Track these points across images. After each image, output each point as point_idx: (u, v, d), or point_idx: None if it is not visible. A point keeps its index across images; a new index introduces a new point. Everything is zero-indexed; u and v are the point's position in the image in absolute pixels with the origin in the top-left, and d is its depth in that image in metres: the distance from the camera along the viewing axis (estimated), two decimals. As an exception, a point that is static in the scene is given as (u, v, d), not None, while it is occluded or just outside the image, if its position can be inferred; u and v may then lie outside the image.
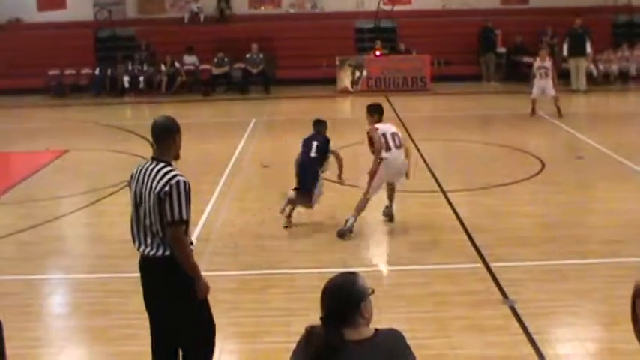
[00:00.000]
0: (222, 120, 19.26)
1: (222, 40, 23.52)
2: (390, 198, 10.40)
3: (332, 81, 22.52)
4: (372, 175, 9.94)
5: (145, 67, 23.39)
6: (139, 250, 5.43)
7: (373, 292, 3.65)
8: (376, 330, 3.54)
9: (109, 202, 11.67)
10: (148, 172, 5.34)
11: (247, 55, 22.94)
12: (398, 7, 24.86)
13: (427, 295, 7.84)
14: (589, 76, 22.33)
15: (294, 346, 3.55)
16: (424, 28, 24.16)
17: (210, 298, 5.53)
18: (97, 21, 25.47)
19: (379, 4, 24.68)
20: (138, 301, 5.66)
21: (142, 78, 23.19)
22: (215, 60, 23.19)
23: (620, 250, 9.05)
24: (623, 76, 23.22)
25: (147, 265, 5.41)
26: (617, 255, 8.88)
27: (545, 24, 23.98)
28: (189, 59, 23.47)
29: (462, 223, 10.08)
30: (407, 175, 10.24)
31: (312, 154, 10.28)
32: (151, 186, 5.25)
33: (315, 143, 10.37)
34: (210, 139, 16.48)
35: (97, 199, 11.84)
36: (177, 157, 5.51)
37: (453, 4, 25.29)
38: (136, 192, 5.40)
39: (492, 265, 8.55)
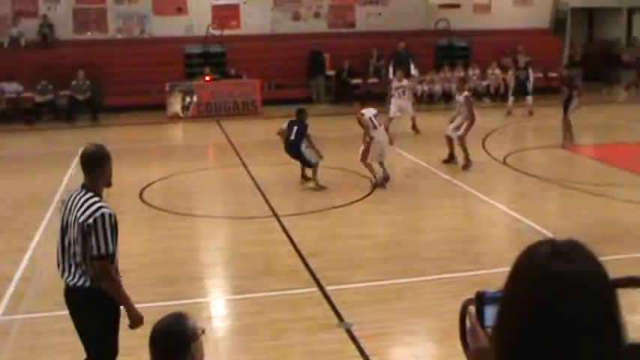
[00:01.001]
0: (48, 150, 18.47)
1: (46, 67, 22.53)
2: (381, 165, 13.37)
3: (162, 107, 22.11)
4: (366, 148, 13.17)
5: (-40, 96, 22.06)
6: (62, 277, 5.49)
7: (204, 332, 3.51)
8: (207, 372, 3.40)
9: None
10: (75, 201, 5.37)
11: (73, 82, 22.13)
12: (227, 32, 24.81)
13: (265, 323, 7.74)
14: (414, 96, 23.13)
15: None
16: (254, 52, 24.22)
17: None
18: None
19: (208, 28, 24.54)
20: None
21: (-42, 107, 21.87)
22: (38, 87, 22.23)
23: (450, 265, 9.31)
24: (447, 96, 24.24)
25: (69, 293, 5.50)
26: (447, 271, 9.12)
27: (371, 47, 24.64)
28: (10, 87, 22.36)
29: (297, 248, 10.07)
30: (391, 142, 13.70)
31: (292, 137, 13.07)
32: (76, 216, 5.29)
33: (294, 128, 13.17)
34: (35, 170, 15.72)
35: None
36: (109, 185, 5.59)
37: (282, 27, 25.53)
38: (62, 219, 5.45)
39: (327, 288, 8.58)
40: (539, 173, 14.25)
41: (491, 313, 1.87)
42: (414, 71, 22.49)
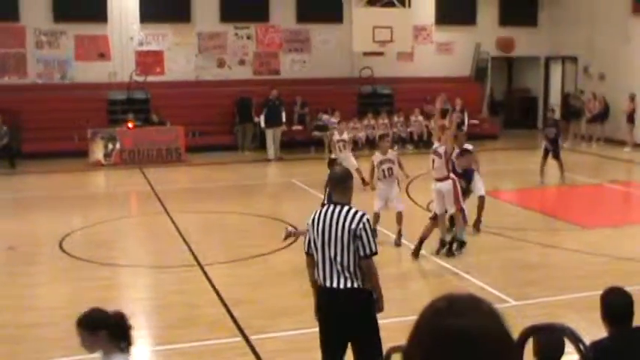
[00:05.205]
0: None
1: (-38, 113, 21.96)
2: None
3: (84, 154, 21.71)
4: None
5: None
6: (324, 284, 6.24)
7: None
8: None
9: None
10: (335, 214, 6.21)
11: (-10, 128, 21.59)
12: (151, 78, 24.67)
13: (187, 375, 7.60)
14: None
15: None
16: (178, 99, 24.10)
17: None
18: None
19: (132, 74, 24.37)
20: None
21: None
22: (-46, 134, 21.61)
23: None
24: (370, 143, 24.33)
25: (331, 296, 6.25)
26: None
27: (296, 94, 24.73)
28: None
29: (220, 297, 9.94)
30: None
31: None
32: (344, 225, 6.12)
33: None
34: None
35: None
36: (349, 202, 6.39)
37: (207, 74, 25.50)
38: (324, 233, 6.19)
39: (252, 337, 8.48)
40: (462, 219, 14.43)
41: None
42: (284, 119, 22.97)
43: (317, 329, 8.70)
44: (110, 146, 21.92)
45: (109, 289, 10.60)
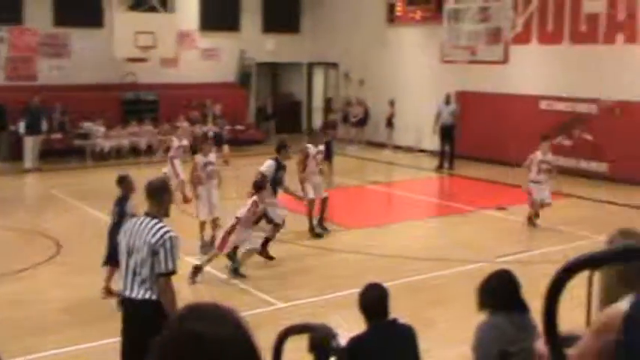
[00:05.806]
0: None
1: None
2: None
3: None
4: None
5: None
6: (125, 294, 6.20)
7: None
8: None
9: None
10: (142, 226, 6.12)
11: None
12: None
13: None
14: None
15: None
16: None
17: None
18: None
19: None
20: None
21: None
22: None
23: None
24: (135, 151, 23.74)
25: (131, 307, 6.18)
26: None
27: (56, 101, 23.60)
28: None
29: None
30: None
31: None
32: (145, 239, 6.03)
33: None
34: None
35: None
36: (167, 215, 6.33)
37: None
38: (129, 243, 6.14)
39: (11, 360, 7.96)
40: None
41: None
42: (45, 127, 22.02)
43: (82, 346, 8.43)
44: None
45: None
